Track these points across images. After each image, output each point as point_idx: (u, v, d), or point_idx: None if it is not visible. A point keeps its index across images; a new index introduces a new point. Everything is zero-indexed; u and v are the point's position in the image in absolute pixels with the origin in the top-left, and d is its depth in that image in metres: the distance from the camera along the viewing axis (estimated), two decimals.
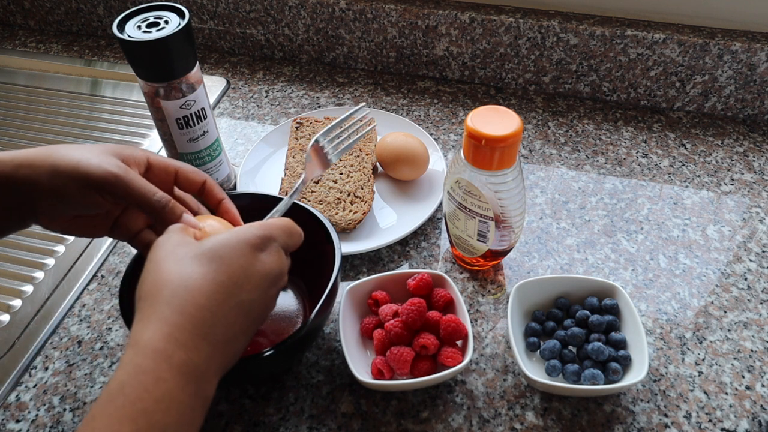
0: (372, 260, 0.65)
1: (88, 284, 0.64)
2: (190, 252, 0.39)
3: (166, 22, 0.60)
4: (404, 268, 0.64)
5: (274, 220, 0.45)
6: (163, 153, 0.79)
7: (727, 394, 0.53)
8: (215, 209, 0.51)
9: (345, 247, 0.63)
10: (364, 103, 0.60)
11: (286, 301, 0.60)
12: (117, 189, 0.43)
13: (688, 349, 0.57)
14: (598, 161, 0.76)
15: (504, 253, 0.62)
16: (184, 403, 0.35)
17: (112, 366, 0.57)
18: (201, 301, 0.37)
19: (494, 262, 0.64)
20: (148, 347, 0.35)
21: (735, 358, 0.56)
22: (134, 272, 0.52)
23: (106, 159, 0.44)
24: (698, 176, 0.74)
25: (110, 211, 0.48)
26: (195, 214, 0.50)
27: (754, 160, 0.76)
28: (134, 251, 0.60)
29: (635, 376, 0.50)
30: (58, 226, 0.47)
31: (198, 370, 0.36)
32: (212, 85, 0.90)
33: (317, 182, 0.70)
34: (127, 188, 0.43)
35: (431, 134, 0.81)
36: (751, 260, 0.64)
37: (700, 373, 0.55)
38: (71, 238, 0.70)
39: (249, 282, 0.40)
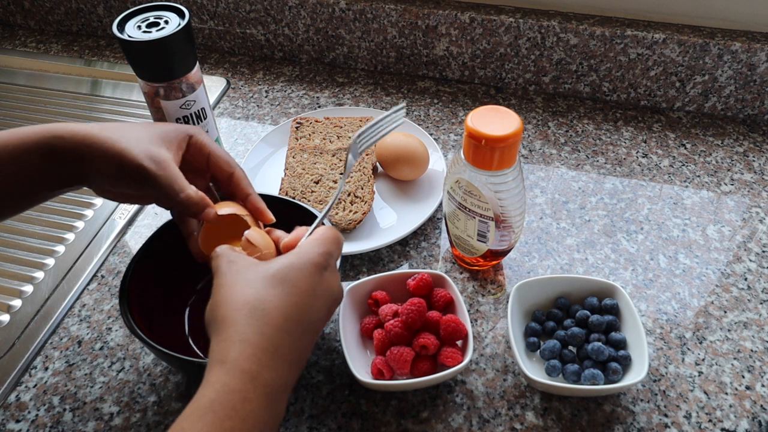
0: (372, 260, 0.65)
1: (88, 284, 0.64)
2: (260, 274, 0.41)
3: (166, 22, 0.60)
4: (404, 268, 0.64)
5: (327, 234, 0.46)
6: None
7: (727, 394, 0.53)
8: (243, 204, 0.52)
9: (345, 247, 0.63)
10: (404, 104, 0.57)
11: None
12: (144, 181, 0.46)
13: (688, 349, 0.57)
14: (598, 161, 0.76)
15: (504, 253, 0.62)
16: (264, 423, 0.37)
17: (113, 366, 0.57)
18: (279, 322, 0.39)
19: (494, 262, 0.63)
20: (236, 368, 0.37)
21: (735, 358, 0.56)
22: (134, 272, 0.52)
23: (145, 149, 0.46)
24: (698, 176, 0.74)
25: None
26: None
27: (754, 160, 0.76)
28: (134, 251, 0.60)
29: (635, 376, 0.50)
30: (109, 196, 0.50)
31: (278, 389, 0.38)
32: (212, 85, 0.90)
33: (317, 182, 0.70)
34: (154, 182, 0.46)
35: (431, 134, 0.81)
36: (751, 260, 0.64)
37: (700, 373, 0.55)
38: (71, 237, 0.70)
39: (318, 302, 0.42)
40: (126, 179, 0.46)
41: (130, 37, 0.58)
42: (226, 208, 0.50)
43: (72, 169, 0.47)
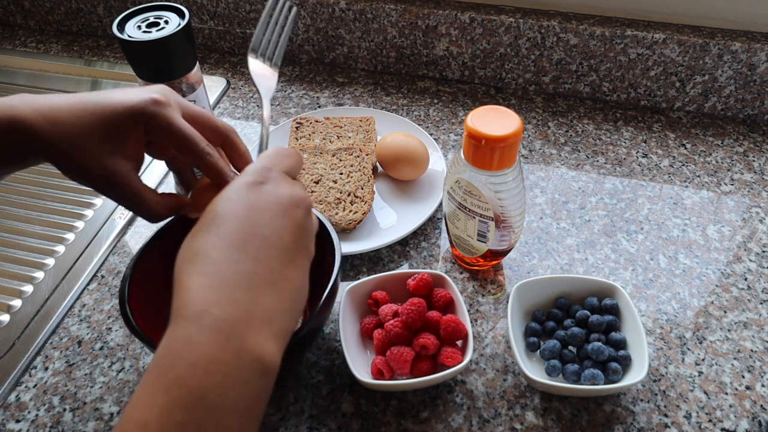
0: (372, 260, 0.65)
1: (88, 284, 0.64)
2: (198, 224, 0.37)
3: (166, 22, 0.60)
4: (404, 268, 0.64)
5: (264, 153, 0.42)
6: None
7: (727, 394, 0.53)
8: (239, 171, 0.48)
9: (345, 247, 0.63)
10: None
11: None
12: (163, 126, 0.43)
13: (688, 349, 0.57)
14: (598, 161, 0.76)
15: (504, 253, 0.62)
16: (228, 363, 0.31)
17: (113, 366, 0.57)
18: (218, 257, 0.35)
19: (494, 262, 0.63)
20: (178, 316, 0.33)
21: (735, 358, 0.56)
22: (134, 272, 0.52)
23: (98, 165, 0.43)
24: (698, 176, 0.74)
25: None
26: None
27: (754, 160, 0.76)
28: (134, 251, 0.60)
29: (635, 376, 0.50)
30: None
31: (239, 323, 0.33)
32: (212, 85, 0.90)
33: (317, 182, 0.70)
34: (118, 194, 0.43)
35: (431, 134, 0.81)
36: (751, 260, 0.64)
37: (700, 373, 0.55)
38: (71, 237, 0.70)
39: (262, 215, 0.37)
40: (134, 124, 0.43)
41: (130, 37, 0.58)
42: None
43: (19, 152, 0.42)
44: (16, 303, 0.63)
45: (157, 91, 0.44)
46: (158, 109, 0.43)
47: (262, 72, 0.51)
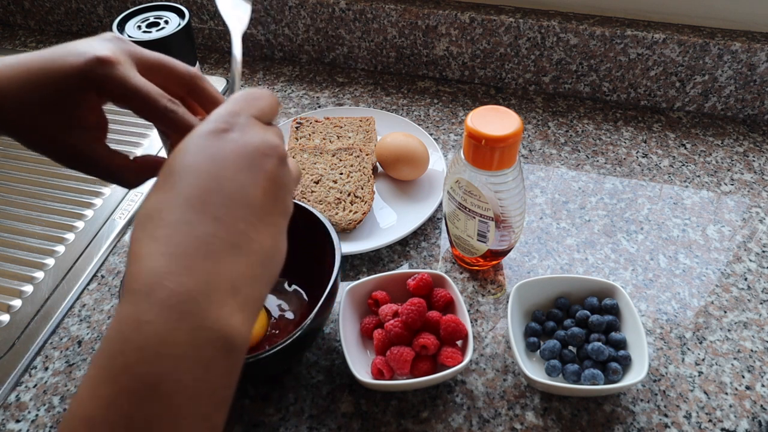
0: (372, 260, 0.65)
1: (88, 284, 0.64)
2: (155, 182, 0.32)
3: (166, 22, 0.60)
4: (404, 268, 0.64)
5: (231, 96, 0.36)
6: (163, 154, 0.79)
7: (727, 394, 0.53)
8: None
9: (345, 247, 0.63)
10: None
11: (287, 301, 0.60)
12: (118, 89, 0.38)
13: (688, 349, 0.57)
14: (598, 161, 0.76)
15: (504, 253, 0.62)
16: (183, 344, 0.27)
17: None
18: (170, 218, 0.29)
19: (494, 262, 0.63)
20: (126, 291, 0.28)
21: (735, 358, 0.56)
22: None
23: (97, 45, 0.38)
24: (698, 176, 0.74)
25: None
26: None
27: (754, 160, 0.76)
28: None
29: (635, 376, 0.50)
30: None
31: (195, 296, 0.28)
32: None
33: (317, 182, 0.70)
34: (127, 87, 0.38)
35: (431, 134, 0.81)
36: (751, 260, 0.64)
37: (700, 373, 0.55)
38: (71, 237, 0.70)
39: (225, 168, 0.31)
40: (84, 88, 0.38)
41: (130, 37, 0.58)
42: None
43: None
44: (16, 303, 0.63)
45: (103, 48, 0.38)
46: (105, 71, 0.37)
47: (232, 1, 0.45)
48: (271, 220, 0.32)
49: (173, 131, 0.40)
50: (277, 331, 0.57)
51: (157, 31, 0.59)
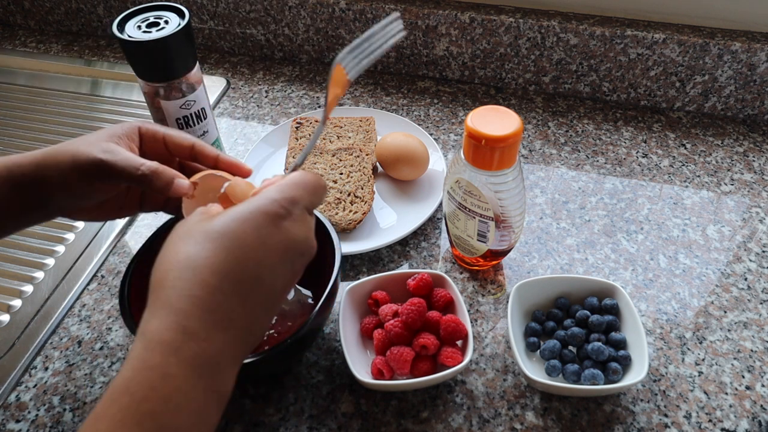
0: (372, 260, 0.65)
1: (88, 284, 0.64)
2: (201, 229, 0.35)
3: (166, 22, 0.60)
4: (404, 268, 0.64)
5: (294, 178, 0.39)
6: None
7: (727, 394, 0.53)
8: (214, 168, 0.50)
9: (345, 247, 0.63)
10: (397, 14, 0.51)
11: (287, 300, 0.60)
12: (104, 173, 0.44)
13: (688, 349, 0.57)
14: (598, 161, 0.76)
15: (504, 253, 0.62)
16: (197, 401, 0.31)
17: (113, 366, 0.57)
18: (211, 281, 0.33)
19: (494, 262, 0.63)
20: (154, 339, 0.32)
21: (735, 358, 0.56)
22: (134, 272, 0.52)
23: (96, 146, 0.45)
24: (698, 176, 0.74)
25: (133, 190, 0.49)
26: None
27: (754, 160, 0.76)
28: (134, 251, 0.60)
29: (635, 376, 0.50)
30: (87, 215, 0.48)
31: (211, 362, 0.32)
32: (212, 85, 0.90)
33: None
34: (112, 170, 0.44)
35: (431, 134, 0.81)
36: (751, 260, 0.64)
37: (700, 373, 0.55)
38: (71, 237, 0.70)
39: (270, 256, 0.35)
40: (87, 179, 0.45)
41: (130, 37, 0.58)
42: (200, 174, 0.48)
43: (33, 194, 0.45)
44: (16, 303, 0.63)
45: (101, 149, 0.45)
46: (146, 122, 0.47)
47: (338, 80, 0.46)
48: (275, 308, 0.37)
49: (200, 164, 0.49)
50: (277, 332, 0.57)
51: (157, 31, 0.59)
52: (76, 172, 0.44)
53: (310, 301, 0.59)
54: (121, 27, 0.59)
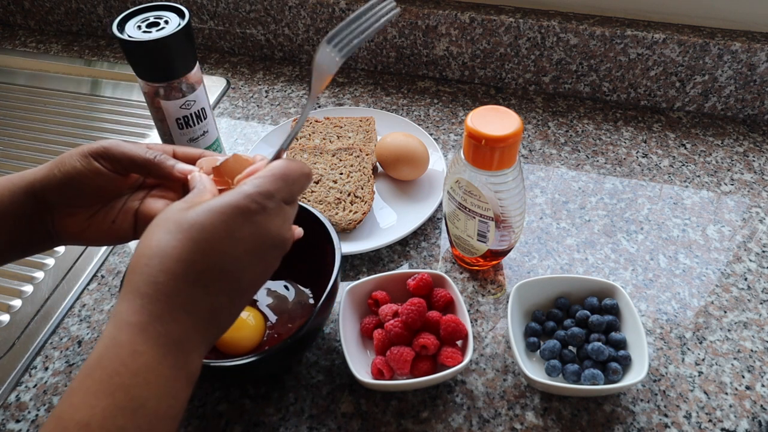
0: (372, 260, 0.65)
1: (88, 284, 0.64)
2: (175, 219, 0.36)
3: (166, 22, 0.60)
4: (404, 268, 0.64)
5: (274, 168, 0.39)
6: None
7: (727, 394, 0.53)
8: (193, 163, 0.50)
9: (345, 247, 0.63)
10: None
11: (287, 300, 0.60)
12: (113, 152, 0.46)
13: (688, 349, 0.57)
14: (598, 161, 0.76)
15: (504, 253, 0.62)
16: (165, 376, 0.34)
17: None
18: (176, 269, 0.35)
19: (494, 262, 0.63)
20: (123, 320, 0.34)
21: (735, 358, 0.56)
22: None
23: (85, 148, 0.46)
24: (698, 176, 0.74)
25: (127, 206, 0.48)
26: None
27: (754, 160, 0.76)
28: (134, 251, 0.60)
29: (635, 376, 0.50)
30: (79, 224, 0.47)
31: (178, 341, 0.35)
32: (212, 85, 0.90)
33: (317, 182, 0.70)
34: (121, 149, 0.46)
35: (431, 134, 0.81)
36: (751, 260, 0.64)
37: (700, 373, 0.55)
38: None
39: (236, 248, 0.36)
40: (89, 163, 0.45)
41: (130, 37, 0.58)
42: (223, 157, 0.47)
43: (33, 209, 0.46)
44: (16, 303, 0.63)
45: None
46: (112, 151, 0.46)
47: (324, 60, 0.45)
48: (248, 296, 0.38)
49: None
50: (277, 333, 0.57)
51: (157, 31, 0.59)
52: (80, 155, 0.45)
53: (310, 301, 0.59)
54: (121, 27, 0.59)
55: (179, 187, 0.51)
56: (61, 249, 0.69)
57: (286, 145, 0.43)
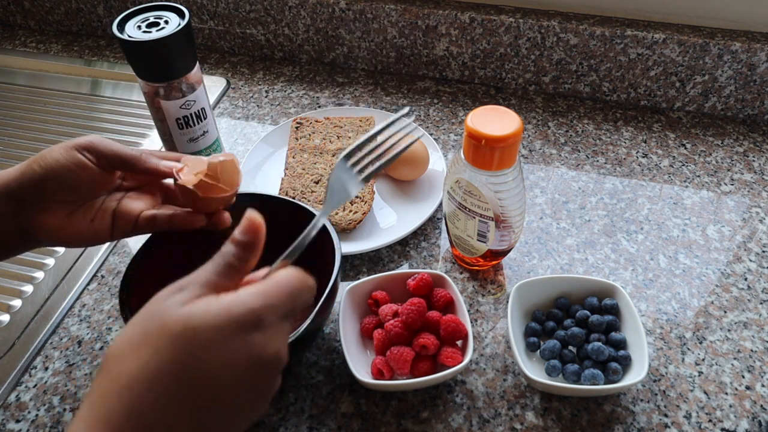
0: (372, 260, 0.65)
1: (88, 284, 0.64)
2: (161, 312, 0.32)
3: (166, 22, 0.60)
4: (404, 268, 0.64)
5: (280, 279, 0.35)
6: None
7: (727, 394, 0.53)
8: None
9: (345, 247, 0.63)
10: (407, 108, 0.47)
11: None
12: (99, 147, 0.47)
13: (688, 349, 0.57)
14: (598, 161, 0.76)
15: (504, 253, 0.62)
16: None
17: None
18: (157, 387, 0.30)
19: (494, 262, 0.63)
20: (103, 425, 0.30)
21: (735, 358, 0.56)
22: (134, 272, 0.52)
23: (68, 143, 0.47)
24: (698, 176, 0.74)
25: (105, 206, 0.49)
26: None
27: (754, 160, 0.76)
28: (134, 251, 0.60)
29: (635, 376, 0.50)
30: (58, 222, 0.47)
31: None
32: (212, 85, 0.90)
33: (317, 182, 0.70)
34: (106, 145, 0.47)
35: (431, 134, 0.81)
36: (751, 260, 0.64)
37: (700, 373, 0.55)
38: None
39: (228, 372, 0.32)
40: (73, 156, 0.46)
41: (130, 37, 0.58)
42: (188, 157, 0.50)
43: (7, 216, 0.46)
44: (16, 303, 0.63)
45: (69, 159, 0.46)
46: (97, 145, 0.47)
47: (342, 182, 0.44)
48: (235, 420, 0.33)
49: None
50: None
51: (157, 31, 0.59)
52: (63, 148, 0.46)
53: None
54: (121, 27, 0.59)
55: (156, 190, 0.51)
56: (61, 249, 0.69)
57: (291, 255, 0.40)
